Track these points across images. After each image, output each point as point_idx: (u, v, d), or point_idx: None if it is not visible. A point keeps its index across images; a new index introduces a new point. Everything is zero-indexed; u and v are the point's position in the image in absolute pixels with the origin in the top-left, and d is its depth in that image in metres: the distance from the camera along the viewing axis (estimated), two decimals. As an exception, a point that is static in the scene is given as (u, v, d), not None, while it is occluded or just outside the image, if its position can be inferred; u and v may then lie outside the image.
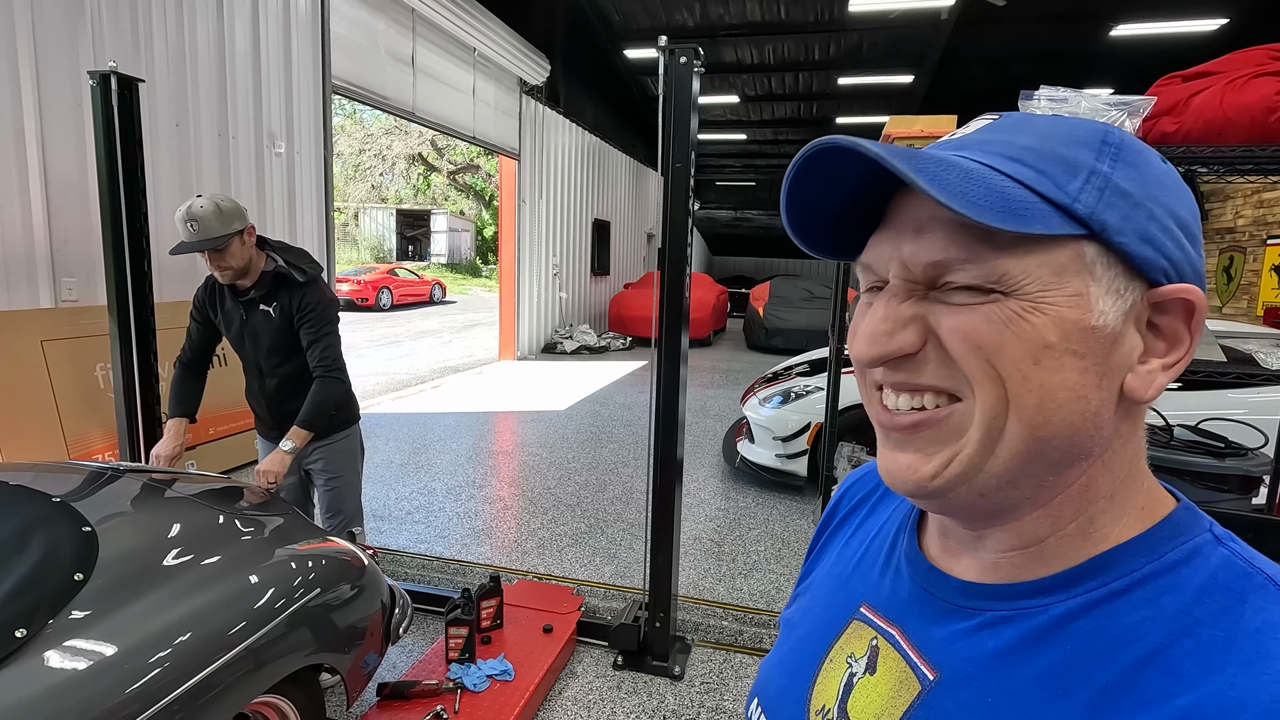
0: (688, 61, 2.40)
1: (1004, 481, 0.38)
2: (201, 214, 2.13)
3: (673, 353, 2.54)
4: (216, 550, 1.63)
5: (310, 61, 5.45)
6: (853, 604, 0.50)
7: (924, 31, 11.18)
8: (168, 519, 1.70)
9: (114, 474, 1.91)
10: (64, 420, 3.53)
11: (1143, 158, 0.37)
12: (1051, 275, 0.35)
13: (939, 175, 0.34)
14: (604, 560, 3.39)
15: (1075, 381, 0.35)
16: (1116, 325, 0.35)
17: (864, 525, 0.56)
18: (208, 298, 2.44)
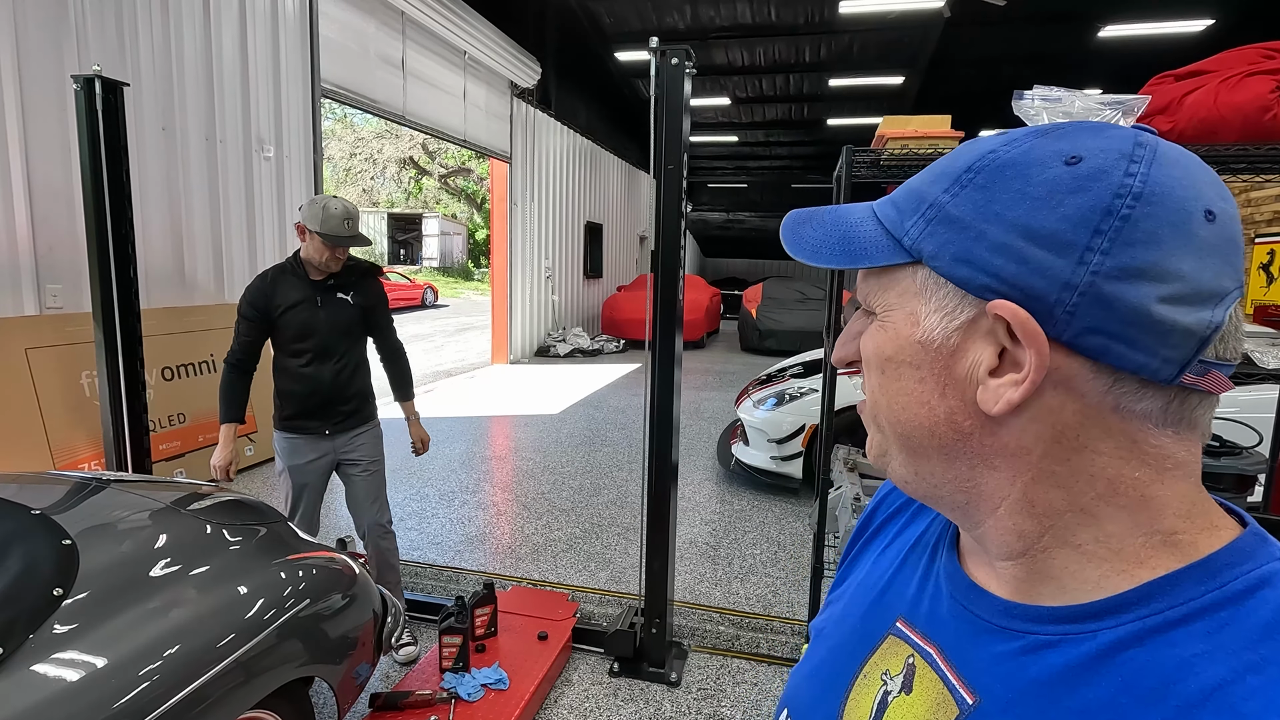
0: (679, 63, 2.39)
1: (910, 472, 0.43)
2: (356, 212, 2.41)
3: (667, 355, 2.53)
4: (204, 560, 1.60)
5: (299, 65, 5.42)
6: (888, 618, 0.49)
7: (915, 33, 11.23)
8: (153, 530, 1.67)
9: (98, 485, 1.87)
10: (49, 429, 3.48)
11: (1007, 176, 0.37)
12: (896, 298, 0.41)
13: (800, 236, 0.45)
14: (599, 565, 3.36)
15: (913, 388, 0.40)
16: (947, 340, 0.38)
17: (901, 534, 0.55)
18: (268, 293, 2.43)
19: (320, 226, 2.32)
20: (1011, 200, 0.36)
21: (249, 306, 2.42)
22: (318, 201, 2.34)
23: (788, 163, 21.19)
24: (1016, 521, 0.39)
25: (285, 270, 2.46)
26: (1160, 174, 0.34)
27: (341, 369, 2.55)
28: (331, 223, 2.31)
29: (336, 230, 2.32)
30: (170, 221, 4.43)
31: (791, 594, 3.11)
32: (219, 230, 4.78)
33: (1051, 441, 0.37)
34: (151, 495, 1.90)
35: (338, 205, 2.33)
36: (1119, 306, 0.33)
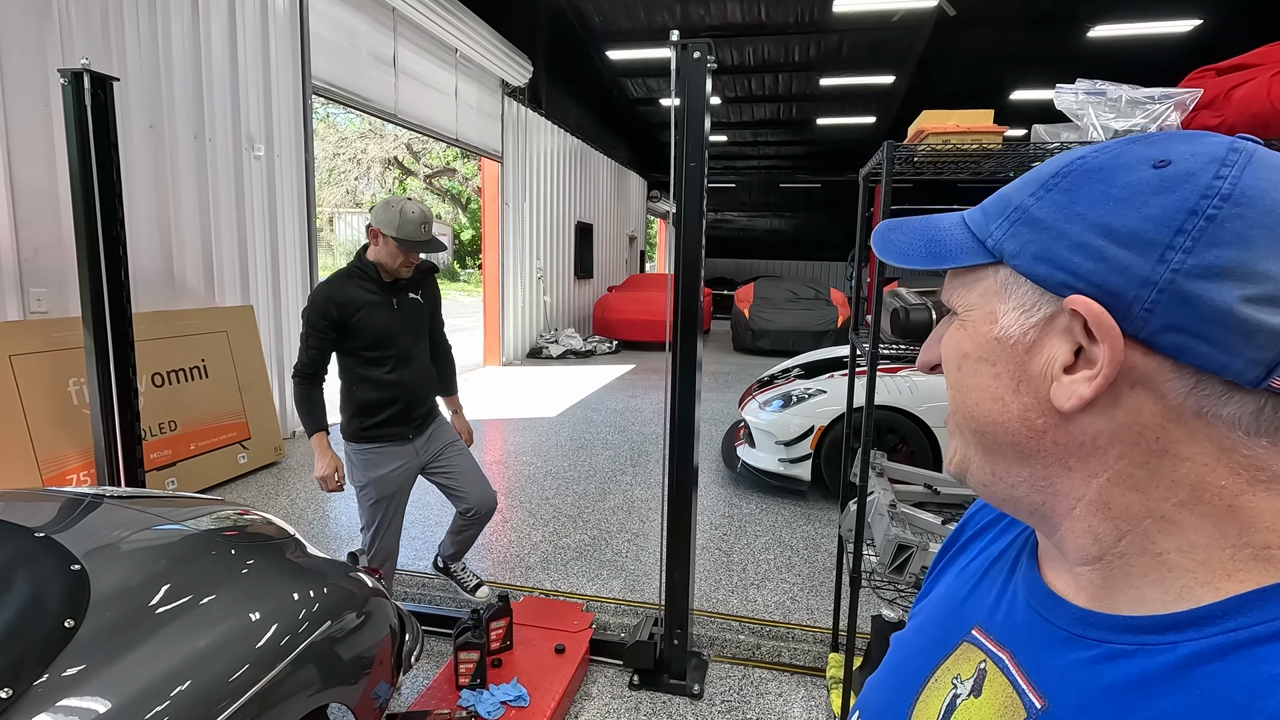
0: (701, 57, 2.31)
1: (988, 472, 0.43)
2: (431, 216, 2.33)
3: (688, 358, 2.45)
4: (215, 585, 1.50)
5: (289, 62, 5.28)
6: (965, 626, 0.50)
7: (905, 33, 11.25)
8: (161, 551, 1.57)
9: (94, 501, 1.76)
10: (35, 439, 3.34)
11: (1092, 180, 0.38)
12: (978, 297, 0.42)
13: (890, 241, 0.47)
14: (611, 573, 3.28)
15: (988, 384, 0.41)
16: (1024, 336, 0.39)
17: (986, 549, 0.55)
18: (338, 300, 2.31)
19: (397, 231, 2.23)
20: (1094, 201, 0.37)
21: (319, 318, 2.29)
22: (393, 205, 2.25)
23: (776, 162, 21.23)
24: (1092, 524, 0.39)
25: (353, 275, 2.35)
26: (1254, 177, 0.34)
27: (420, 371, 2.53)
28: (409, 227, 2.23)
29: (414, 235, 2.24)
30: (158, 223, 4.29)
31: (810, 600, 3.05)
32: (208, 231, 4.64)
33: (1129, 443, 0.37)
34: (151, 511, 1.79)
35: (415, 209, 2.25)
36: (1201, 305, 0.33)
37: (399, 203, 2.25)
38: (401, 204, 2.25)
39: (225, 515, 1.94)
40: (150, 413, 3.91)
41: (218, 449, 4.31)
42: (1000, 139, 1.72)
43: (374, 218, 2.28)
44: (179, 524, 1.68)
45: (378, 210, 2.27)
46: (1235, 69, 1.79)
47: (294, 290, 5.45)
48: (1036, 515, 0.42)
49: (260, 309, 5.08)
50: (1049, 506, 0.41)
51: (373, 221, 2.28)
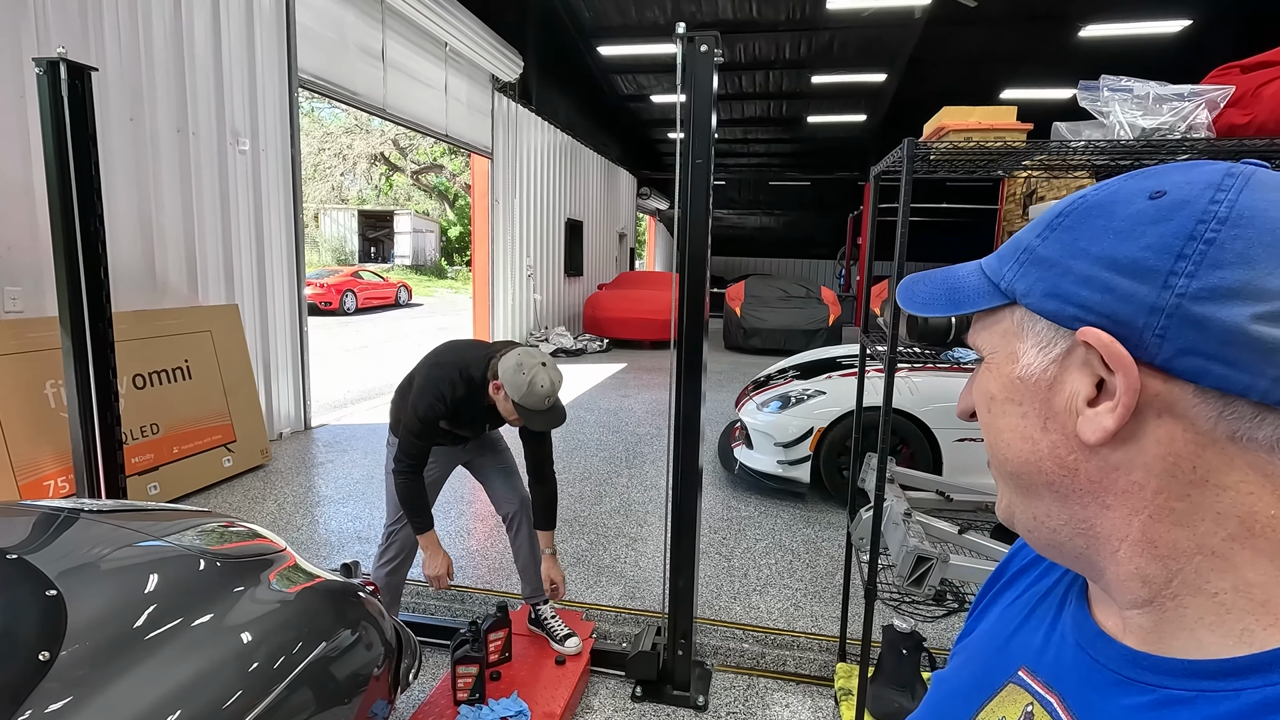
0: (708, 50, 2.24)
1: (1029, 517, 0.43)
2: (558, 387, 2.23)
3: (693, 359, 2.38)
4: (204, 606, 1.41)
5: (275, 54, 5.15)
6: (1010, 666, 0.48)
7: (895, 31, 11.24)
8: (143, 571, 1.47)
9: (70, 516, 1.66)
10: (10, 444, 3.21)
11: (1093, 216, 0.38)
12: (999, 339, 0.42)
13: (914, 293, 0.48)
14: (610, 580, 3.20)
15: (1017, 424, 0.41)
16: (1044, 373, 0.39)
17: (1034, 586, 0.54)
18: (449, 416, 2.29)
19: (520, 399, 2.13)
20: (1095, 236, 0.37)
21: (423, 425, 2.22)
22: (525, 371, 2.12)
23: (766, 160, 21.21)
24: (1139, 565, 0.38)
25: (472, 400, 2.25)
26: (1251, 199, 0.34)
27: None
28: (533, 399, 2.14)
29: (536, 406, 2.17)
30: (139, 218, 4.15)
31: (815, 607, 2.99)
32: (191, 228, 4.51)
33: (1166, 475, 0.36)
34: (132, 526, 1.69)
35: (545, 384, 2.13)
36: (1211, 327, 0.33)
37: (533, 373, 2.12)
38: (535, 375, 2.13)
39: (211, 528, 1.84)
40: (131, 415, 3.78)
41: (202, 452, 4.18)
42: (1024, 137, 1.66)
43: (502, 376, 2.15)
44: (162, 540, 1.59)
45: (508, 370, 2.13)
46: (1261, 65, 1.75)
47: (280, 288, 5.32)
48: (1082, 560, 0.42)
49: (246, 308, 4.94)
50: (1093, 550, 0.40)
51: (501, 378, 2.16)
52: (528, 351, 2.20)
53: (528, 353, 2.19)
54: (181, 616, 1.34)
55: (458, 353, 2.33)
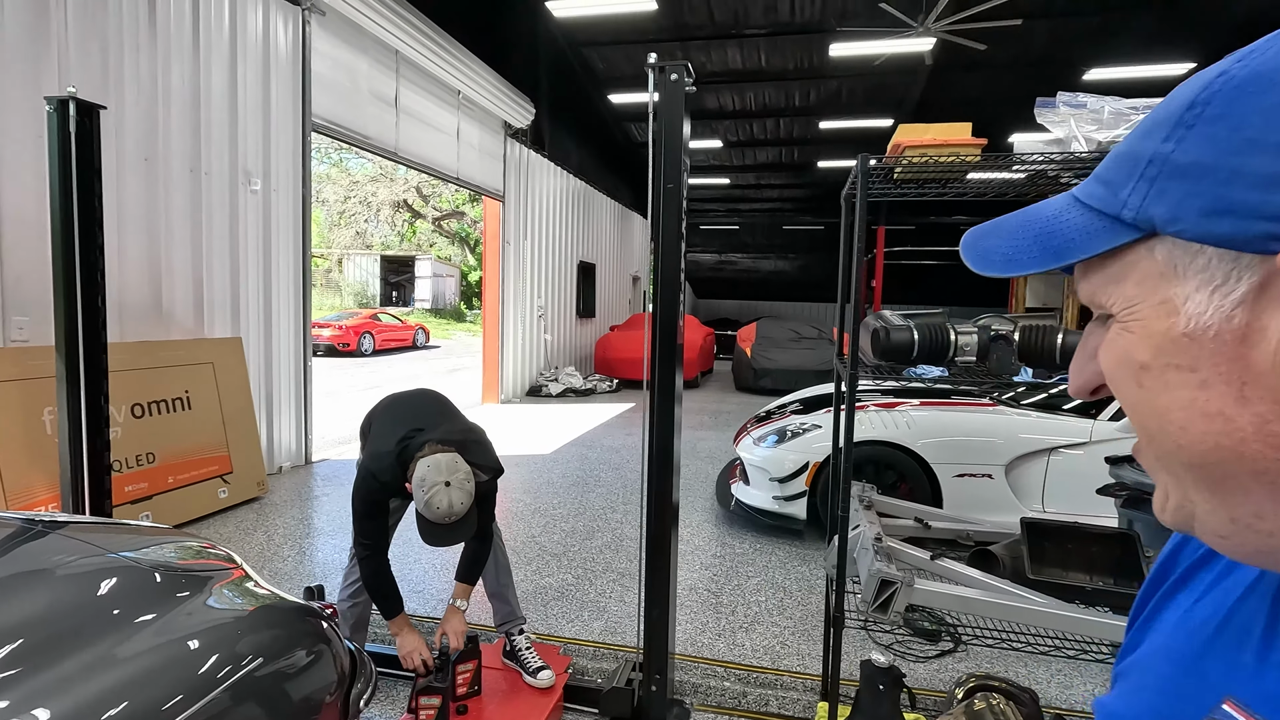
0: (678, 79, 2.29)
1: (1224, 520, 0.32)
2: (463, 509, 2.07)
3: (667, 388, 2.36)
4: (146, 610, 1.39)
5: (290, 99, 5.36)
6: (1210, 695, 0.37)
7: (902, 78, 11.46)
8: (91, 578, 1.46)
9: (42, 529, 1.66)
10: (4, 469, 3.25)
11: (1251, 92, 0.29)
12: (1135, 288, 0.33)
13: (986, 251, 0.39)
14: (593, 615, 3.12)
15: (1194, 397, 0.31)
16: (1228, 322, 0.29)
17: (1220, 584, 0.42)
18: (390, 493, 2.27)
19: (421, 510, 2.06)
20: (1270, 115, 0.28)
21: (367, 506, 2.24)
22: (425, 489, 2.02)
23: (779, 204, 21.46)
24: None
25: (398, 488, 2.22)
26: None
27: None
28: (430, 514, 2.04)
29: (434, 520, 2.06)
30: (148, 253, 4.28)
31: (801, 645, 2.88)
32: (200, 263, 4.63)
33: None
34: (93, 540, 1.69)
35: (442, 505, 2.01)
36: None
37: (431, 491, 2.01)
38: (432, 494, 2.01)
39: (161, 542, 1.83)
40: (128, 444, 3.83)
41: (197, 483, 4.20)
42: (979, 151, 1.65)
43: (412, 481, 2.07)
44: (106, 550, 1.58)
45: (414, 480, 2.06)
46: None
47: (286, 324, 5.42)
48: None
49: (250, 341, 5.03)
50: None
51: (412, 484, 2.09)
52: (438, 463, 2.06)
53: (437, 466, 2.05)
54: (119, 622, 1.33)
55: (388, 435, 2.27)
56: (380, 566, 2.32)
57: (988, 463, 3.79)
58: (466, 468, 2.15)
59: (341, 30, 5.93)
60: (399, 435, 2.28)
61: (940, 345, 1.72)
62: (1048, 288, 14.50)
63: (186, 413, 4.22)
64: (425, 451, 2.14)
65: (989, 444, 3.82)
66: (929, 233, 20.14)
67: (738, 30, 10.22)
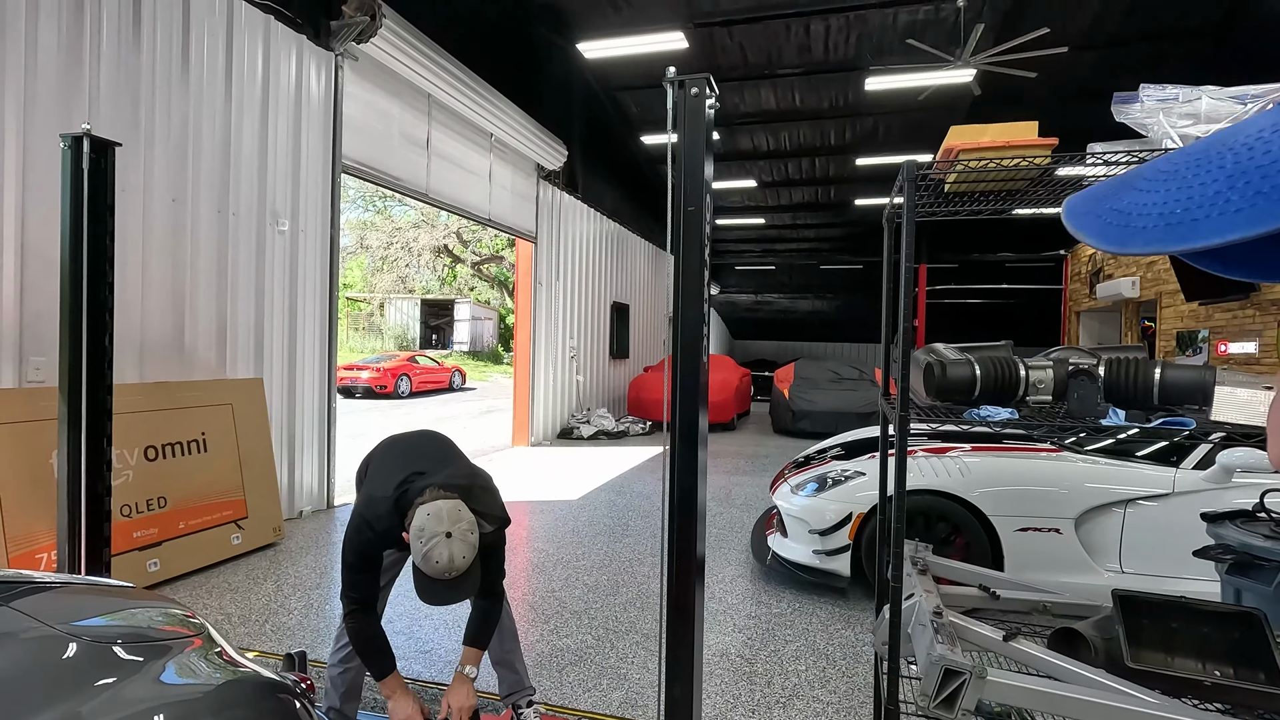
0: (699, 93, 2.10)
1: None
2: (465, 564, 1.86)
3: (689, 429, 2.11)
4: (64, 698, 1.18)
5: (320, 142, 5.39)
6: None
7: (940, 114, 11.24)
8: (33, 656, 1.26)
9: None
10: (6, 513, 3.15)
11: None
12: None
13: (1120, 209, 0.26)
14: (612, 683, 2.82)
15: None
16: None
17: None
18: (383, 545, 2.08)
19: (418, 564, 1.86)
20: None
21: (361, 560, 2.05)
22: (424, 540, 1.83)
23: (815, 244, 21.23)
24: None
25: (395, 538, 2.03)
26: None
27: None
28: (429, 569, 1.85)
29: (434, 575, 1.85)
30: (172, 294, 4.25)
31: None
32: (224, 303, 4.60)
33: None
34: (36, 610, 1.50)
35: (442, 558, 1.82)
36: None
37: (431, 542, 1.82)
38: (432, 546, 1.81)
39: (134, 609, 1.64)
40: (138, 488, 3.72)
41: (210, 528, 4.06)
42: (1049, 152, 1.41)
43: (410, 531, 1.88)
44: (61, 627, 1.38)
45: (412, 530, 1.86)
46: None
47: (311, 365, 5.35)
48: None
49: (273, 382, 4.96)
50: None
51: (409, 532, 1.89)
52: (439, 512, 1.86)
53: (438, 515, 1.85)
54: (21, 714, 1.12)
55: (386, 479, 2.09)
56: (370, 623, 2.10)
57: (1055, 515, 3.40)
58: (470, 517, 1.93)
59: (374, 75, 6.00)
60: (397, 479, 2.08)
61: (1007, 382, 1.45)
62: (1103, 325, 13.83)
63: (201, 455, 4.11)
64: (426, 497, 1.93)
65: (1055, 494, 3.44)
66: (971, 271, 19.62)
67: (771, 71, 10.19)
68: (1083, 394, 1.38)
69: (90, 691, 1.25)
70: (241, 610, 3.46)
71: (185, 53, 4.31)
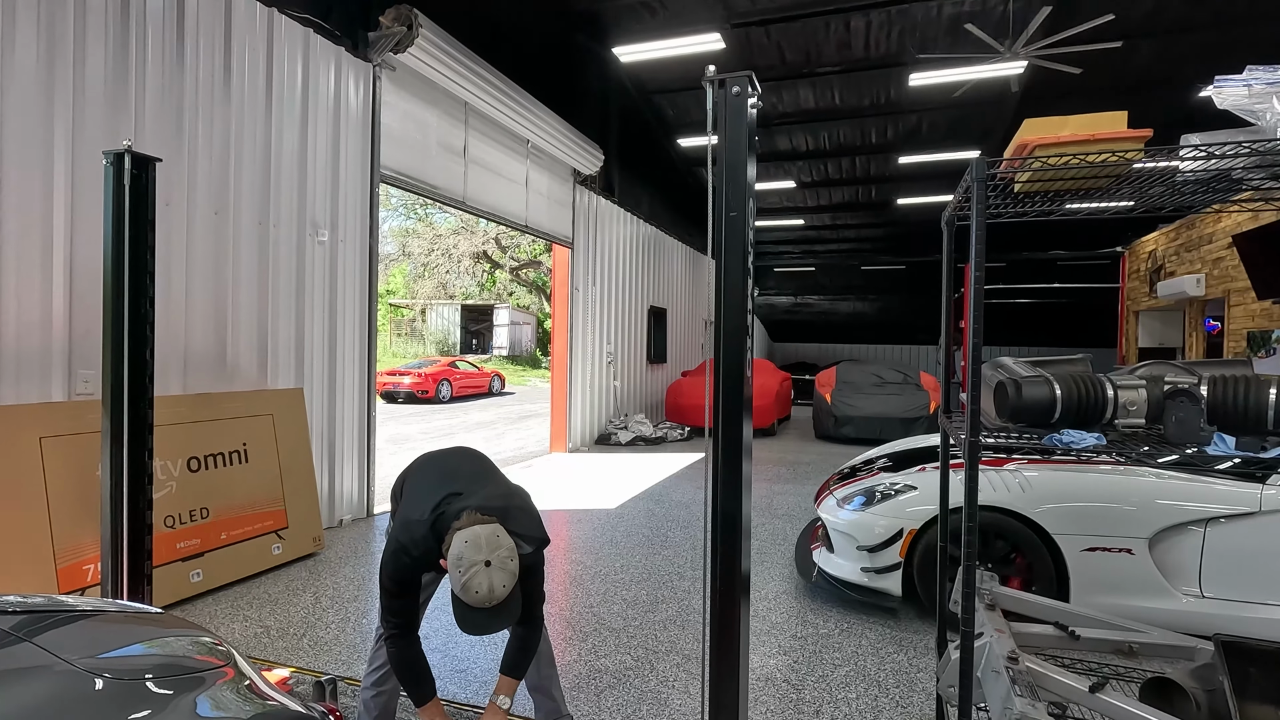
0: (740, 93, 1.99)
1: None
2: (505, 594, 1.81)
3: (733, 442, 1.99)
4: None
5: (359, 152, 5.43)
6: None
7: (986, 109, 10.86)
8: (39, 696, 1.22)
9: (17, 637, 1.45)
10: (55, 526, 3.20)
11: None
12: None
13: None
14: (652, 709, 2.71)
15: None
16: None
17: None
18: (421, 570, 2.04)
19: (458, 592, 1.81)
20: None
21: (399, 586, 2.00)
22: (462, 569, 1.77)
23: (856, 244, 20.81)
24: None
25: (432, 563, 1.98)
26: None
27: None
28: (468, 598, 1.79)
29: (474, 605, 1.79)
30: (214, 305, 4.30)
31: (904, 763, 2.37)
32: (265, 313, 4.64)
33: None
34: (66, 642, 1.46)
35: (481, 588, 1.76)
36: None
37: (470, 571, 1.76)
38: (471, 575, 1.75)
39: (157, 636, 1.60)
40: (181, 499, 3.75)
41: (251, 538, 4.09)
42: (1141, 146, 1.25)
43: (448, 558, 1.82)
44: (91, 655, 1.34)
45: (450, 557, 1.80)
46: None
47: (351, 374, 5.38)
48: None
49: (313, 392, 4.99)
50: None
51: (446, 559, 1.84)
52: (477, 539, 1.79)
53: (476, 542, 1.78)
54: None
55: (422, 501, 2.03)
56: (410, 649, 2.04)
57: (1126, 535, 3.17)
58: (510, 543, 1.85)
59: (411, 84, 6.03)
60: (434, 501, 2.02)
61: (1093, 404, 1.29)
62: (1164, 326, 13.17)
63: (243, 466, 4.14)
64: (463, 521, 1.86)
65: (1125, 512, 3.21)
66: (1019, 270, 18.95)
67: (809, 69, 9.97)
68: (1183, 417, 1.22)
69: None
70: (280, 623, 3.45)
71: (227, 67, 4.36)
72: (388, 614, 2.03)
